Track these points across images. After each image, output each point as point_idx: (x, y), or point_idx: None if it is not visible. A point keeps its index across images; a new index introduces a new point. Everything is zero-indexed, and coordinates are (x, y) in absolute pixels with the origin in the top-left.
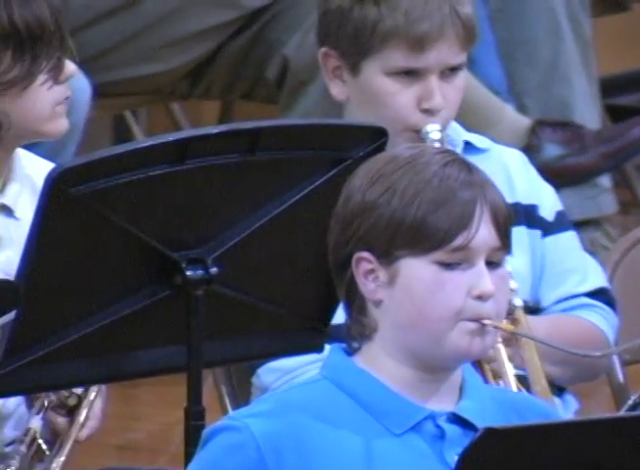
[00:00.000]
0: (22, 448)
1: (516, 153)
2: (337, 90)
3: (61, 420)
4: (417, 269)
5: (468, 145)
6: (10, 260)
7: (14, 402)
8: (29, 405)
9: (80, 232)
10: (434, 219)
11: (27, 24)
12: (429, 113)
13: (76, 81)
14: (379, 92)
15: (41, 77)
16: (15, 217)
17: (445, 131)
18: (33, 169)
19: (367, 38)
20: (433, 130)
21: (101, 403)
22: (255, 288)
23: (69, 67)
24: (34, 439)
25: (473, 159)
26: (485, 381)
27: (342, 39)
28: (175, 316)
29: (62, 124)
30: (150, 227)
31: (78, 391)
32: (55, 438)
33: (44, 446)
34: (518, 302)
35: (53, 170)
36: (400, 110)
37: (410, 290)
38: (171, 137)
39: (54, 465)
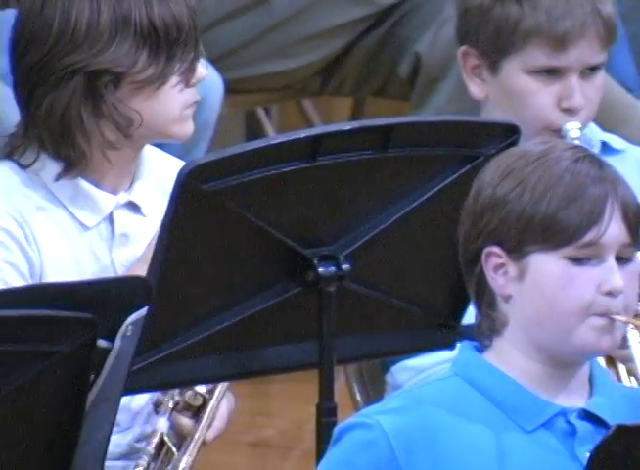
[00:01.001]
0: (150, 449)
1: None
2: (476, 89)
3: (186, 422)
4: (547, 264)
5: (604, 145)
6: (136, 257)
7: (144, 399)
8: (155, 410)
9: (212, 229)
10: (564, 215)
11: (165, 25)
12: (569, 112)
13: (209, 78)
14: (519, 91)
15: (174, 79)
16: (142, 214)
17: (583, 131)
18: (162, 167)
19: (508, 37)
20: (572, 129)
21: (227, 404)
22: (387, 285)
23: (201, 70)
24: (162, 440)
25: (609, 159)
26: (619, 380)
27: (483, 38)
28: (307, 313)
29: (188, 128)
30: (282, 224)
31: (203, 390)
32: (181, 439)
33: (172, 447)
34: None
35: (185, 167)
36: (540, 109)
37: (540, 285)
38: (303, 134)
39: (183, 465)
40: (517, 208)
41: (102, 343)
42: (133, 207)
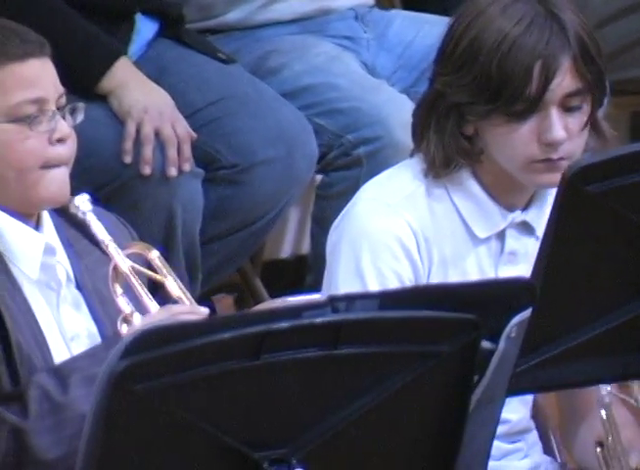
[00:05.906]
0: None
1: None
2: None
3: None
4: None
5: None
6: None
7: None
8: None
9: (596, 230)
10: None
11: (505, 76)
12: None
13: None
14: None
15: (523, 129)
16: (535, 237)
17: None
18: None
19: None
20: None
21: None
22: None
23: (558, 133)
24: None
25: None
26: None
27: None
28: None
29: (536, 180)
30: None
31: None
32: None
33: None
34: None
35: (569, 168)
36: None
37: None
38: None
39: None
40: None
41: (486, 344)
42: (526, 227)
